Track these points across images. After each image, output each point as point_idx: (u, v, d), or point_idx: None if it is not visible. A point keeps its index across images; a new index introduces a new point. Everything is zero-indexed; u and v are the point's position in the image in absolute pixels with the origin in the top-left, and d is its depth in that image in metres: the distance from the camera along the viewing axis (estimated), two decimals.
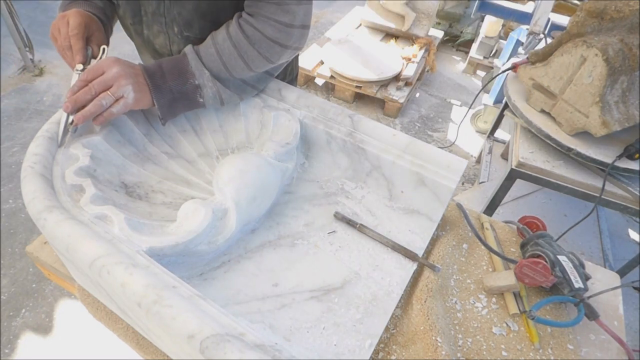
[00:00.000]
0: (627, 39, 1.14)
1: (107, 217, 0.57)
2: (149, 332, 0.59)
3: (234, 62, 0.71)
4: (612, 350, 0.66)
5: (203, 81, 0.71)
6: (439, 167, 0.72)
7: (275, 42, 0.71)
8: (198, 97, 0.72)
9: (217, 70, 0.71)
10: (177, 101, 0.71)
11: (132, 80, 0.65)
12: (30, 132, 2.24)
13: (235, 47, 0.70)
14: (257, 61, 0.72)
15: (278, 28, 0.69)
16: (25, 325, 1.50)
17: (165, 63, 0.70)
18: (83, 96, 0.63)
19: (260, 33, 0.69)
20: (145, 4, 0.77)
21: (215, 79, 0.71)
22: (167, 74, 0.69)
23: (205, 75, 0.71)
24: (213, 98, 0.73)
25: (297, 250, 0.70)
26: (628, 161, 1.18)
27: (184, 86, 0.70)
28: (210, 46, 0.71)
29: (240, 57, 0.71)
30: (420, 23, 2.92)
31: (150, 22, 0.79)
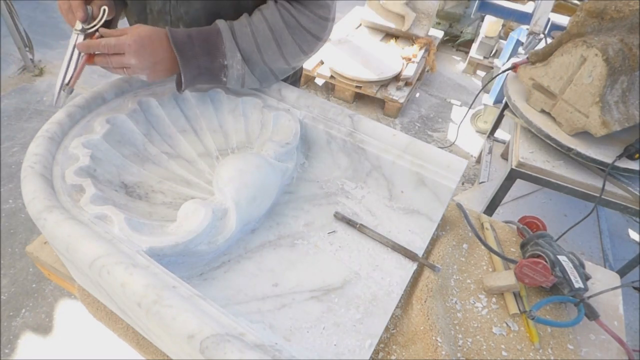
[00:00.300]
0: (627, 39, 1.14)
1: (107, 217, 0.57)
2: (149, 332, 0.59)
3: (267, 45, 0.70)
4: (612, 350, 0.66)
5: (232, 62, 0.70)
6: (439, 167, 0.72)
7: (310, 33, 0.71)
8: (222, 76, 0.72)
9: (249, 51, 0.70)
10: (202, 75, 0.71)
11: (149, 71, 0.67)
12: (30, 132, 2.24)
13: (271, 30, 0.69)
14: (290, 47, 0.72)
15: (314, 19, 0.70)
16: (25, 325, 1.50)
17: (197, 36, 0.68)
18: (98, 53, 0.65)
19: (297, 21, 0.69)
20: (151, 2, 0.77)
21: (244, 62, 0.71)
22: (198, 48, 0.68)
23: (237, 57, 0.70)
24: (236, 80, 0.73)
25: (297, 250, 0.70)
26: (628, 161, 1.19)
27: (212, 64, 0.69)
28: (245, 25, 0.69)
29: (274, 40, 0.70)
30: (420, 23, 2.92)
31: (156, 20, 0.79)
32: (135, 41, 0.64)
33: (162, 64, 0.67)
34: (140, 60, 0.64)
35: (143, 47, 0.64)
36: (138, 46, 0.64)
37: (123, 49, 0.63)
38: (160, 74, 0.69)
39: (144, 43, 0.64)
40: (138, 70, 0.65)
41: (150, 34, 0.65)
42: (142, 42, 0.64)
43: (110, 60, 0.65)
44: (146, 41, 0.64)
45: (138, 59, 0.64)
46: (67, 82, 0.64)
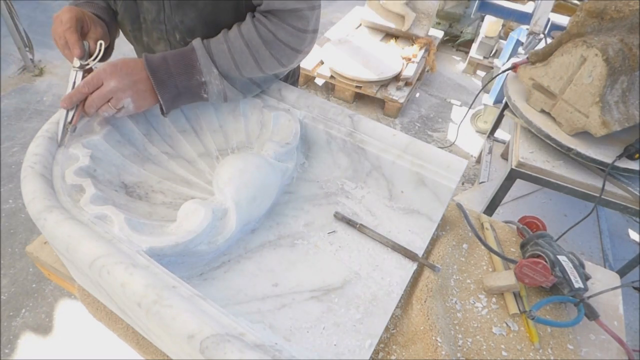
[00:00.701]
0: (627, 39, 1.14)
1: (107, 217, 0.57)
2: (149, 332, 0.59)
3: (245, 61, 0.70)
4: (612, 350, 0.66)
5: (210, 79, 0.70)
6: (439, 167, 0.72)
7: (288, 46, 0.70)
8: (202, 92, 0.71)
9: (227, 68, 0.70)
10: (181, 95, 0.70)
11: (131, 92, 0.66)
12: (30, 132, 2.24)
13: (248, 46, 0.69)
14: (269, 62, 0.71)
15: (291, 32, 0.69)
16: (25, 325, 1.50)
17: (171, 57, 0.68)
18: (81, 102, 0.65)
19: (274, 35, 0.69)
20: (145, 11, 0.76)
21: (222, 77, 0.71)
22: (173, 69, 0.68)
23: (214, 73, 0.69)
24: (217, 95, 0.72)
25: (297, 250, 0.70)
26: (628, 161, 1.19)
27: (189, 82, 0.69)
28: (221, 42, 0.69)
29: (251, 56, 0.70)
30: (420, 23, 2.92)
31: (150, 30, 0.78)
32: (109, 65, 0.65)
33: (142, 84, 0.66)
34: (118, 81, 0.64)
35: (118, 69, 0.65)
36: (112, 69, 0.64)
37: (99, 77, 0.64)
38: (145, 95, 0.67)
39: (118, 65, 0.65)
40: (120, 93, 0.64)
41: (124, 59, 0.66)
42: (116, 65, 0.65)
43: (93, 98, 0.64)
44: (119, 63, 0.65)
45: (116, 80, 0.64)
46: (69, 121, 0.65)
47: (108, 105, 0.65)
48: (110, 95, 0.64)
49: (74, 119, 0.65)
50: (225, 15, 0.74)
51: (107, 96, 0.64)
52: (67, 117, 0.65)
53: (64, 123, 0.65)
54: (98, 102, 0.64)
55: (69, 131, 0.66)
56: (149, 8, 0.75)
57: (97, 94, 0.64)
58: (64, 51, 0.69)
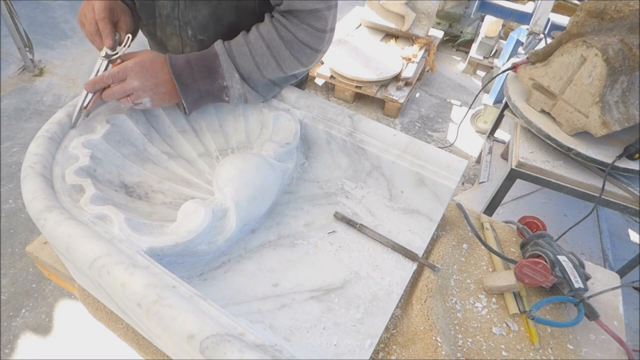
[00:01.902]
0: (627, 39, 1.14)
1: (107, 217, 0.57)
2: (149, 332, 0.59)
3: (266, 62, 0.71)
4: (612, 350, 0.66)
5: (232, 83, 0.72)
6: (439, 167, 0.72)
7: (308, 46, 0.71)
8: (224, 96, 0.73)
9: (249, 70, 0.72)
10: (203, 98, 0.73)
11: (151, 93, 0.68)
12: (30, 132, 2.24)
13: (269, 47, 0.70)
14: (289, 62, 0.72)
15: (311, 32, 0.69)
16: (25, 325, 1.50)
17: (195, 61, 0.70)
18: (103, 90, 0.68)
19: (294, 35, 0.69)
20: (160, 5, 0.77)
21: (243, 81, 0.72)
22: (197, 73, 0.69)
23: (235, 77, 0.71)
24: (238, 98, 0.74)
25: (297, 250, 0.70)
26: (628, 161, 1.18)
27: (211, 86, 0.71)
28: (242, 45, 0.70)
29: (272, 57, 0.70)
30: (420, 23, 2.92)
31: (164, 24, 0.80)
32: (137, 64, 0.67)
33: (164, 86, 0.69)
34: (142, 82, 0.67)
35: (144, 69, 0.67)
36: (139, 68, 0.66)
37: (125, 73, 0.66)
38: (163, 97, 0.70)
39: (145, 65, 0.67)
40: (141, 92, 0.67)
41: (151, 57, 0.68)
42: (143, 64, 0.67)
43: (114, 91, 0.67)
44: (147, 64, 0.67)
45: (140, 80, 0.66)
46: (85, 105, 0.68)
47: (127, 99, 0.68)
48: (131, 91, 0.67)
49: (89, 104, 0.68)
50: (237, 13, 0.75)
51: (128, 92, 0.67)
52: (84, 101, 0.68)
53: (81, 106, 0.68)
54: (118, 95, 0.67)
55: (83, 115, 0.69)
56: (164, 3, 0.77)
57: (119, 87, 0.66)
58: (93, 38, 0.71)
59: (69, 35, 3.05)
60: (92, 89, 0.67)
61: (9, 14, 2.36)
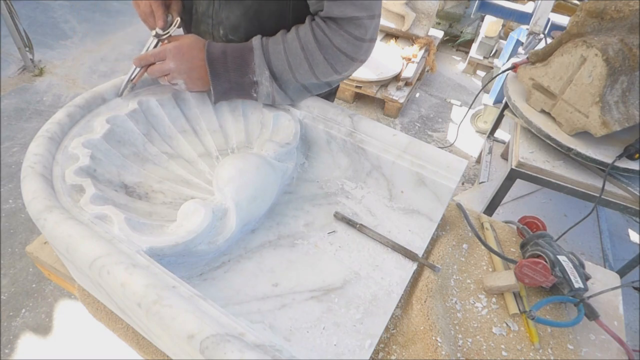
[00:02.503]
0: (627, 39, 1.14)
1: (107, 217, 0.57)
2: (149, 332, 0.59)
3: (298, 64, 0.70)
4: (612, 350, 0.66)
5: (261, 79, 0.72)
6: (439, 167, 0.72)
7: (343, 53, 0.69)
8: (253, 92, 0.74)
9: (280, 69, 0.72)
10: (232, 90, 0.74)
11: (185, 76, 0.72)
12: (30, 132, 2.24)
13: (303, 49, 0.69)
14: (322, 67, 0.70)
15: (348, 39, 0.68)
16: (25, 325, 1.50)
17: (231, 52, 0.71)
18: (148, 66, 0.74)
19: (329, 40, 0.68)
20: (197, 3, 0.79)
21: (272, 80, 0.73)
22: (230, 63, 0.71)
23: (265, 74, 0.72)
24: (266, 96, 0.75)
25: (297, 250, 0.70)
26: (628, 161, 1.19)
27: (242, 79, 0.72)
28: (279, 43, 0.71)
29: (306, 59, 0.69)
30: (420, 23, 2.92)
31: (199, 22, 0.82)
32: (175, 46, 0.71)
33: (198, 72, 0.72)
34: (177, 65, 0.70)
35: (181, 53, 0.70)
36: (177, 51, 0.70)
37: (165, 54, 0.71)
38: (196, 81, 0.73)
39: (183, 49, 0.71)
40: (176, 74, 0.71)
41: (191, 42, 0.72)
42: (182, 48, 0.71)
43: (155, 69, 0.72)
44: (185, 48, 0.71)
45: (176, 63, 0.70)
46: (132, 77, 0.75)
47: (164, 78, 0.73)
48: (168, 72, 0.71)
49: (136, 78, 0.75)
50: (269, 17, 0.75)
51: (165, 72, 0.71)
52: (132, 74, 0.74)
53: (129, 77, 0.75)
54: (158, 73, 0.72)
55: (129, 86, 0.75)
56: (201, 2, 0.79)
57: (158, 66, 0.71)
58: (147, 18, 0.75)
59: (69, 35, 3.05)
60: (139, 64, 0.73)
61: (9, 14, 2.36)
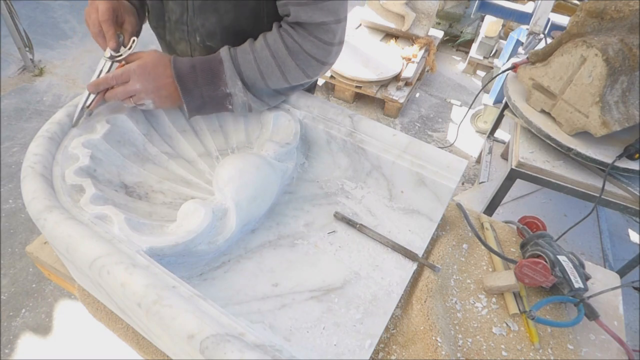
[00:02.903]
0: (627, 39, 1.14)
1: (107, 217, 0.57)
2: (149, 332, 0.59)
3: (270, 72, 0.70)
4: (612, 350, 0.66)
5: (234, 91, 0.71)
6: (439, 167, 0.72)
7: (314, 58, 0.70)
8: (227, 104, 0.72)
9: (253, 79, 0.71)
10: (206, 105, 0.72)
11: (153, 95, 0.69)
12: (30, 132, 2.24)
13: (274, 57, 0.69)
14: (294, 73, 0.71)
15: (318, 45, 0.69)
16: (25, 325, 1.50)
17: (200, 65, 0.69)
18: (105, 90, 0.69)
19: (300, 46, 0.69)
20: (169, 11, 0.77)
21: (247, 90, 0.71)
22: (200, 78, 0.69)
23: (238, 85, 0.70)
24: (242, 106, 0.73)
25: (297, 250, 0.70)
26: (628, 161, 1.18)
27: (214, 92, 0.70)
28: (248, 52, 0.70)
29: (277, 67, 0.70)
30: (420, 23, 2.92)
31: (173, 29, 0.80)
32: (140, 66, 0.67)
33: (166, 89, 0.69)
34: (144, 85, 0.67)
35: (146, 72, 0.67)
36: (141, 70, 0.67)
37: (128, 75, 0.67)
38: (165, 99, 0.70)
39: (148, 68, 0.67)
40: (143, 94, 0.68)
41: (154, 59, 0.68)
42: (146, 67, 0.67)
43: (117, 92, 0.67)
44: (150, 67, 0.67)
45: (142, 83, 0.67)
46: (88, 105, 0.69)
47: (130, 100, 0.68)
48: (134, 93, 0.68)
49: (92, 104, 0.69)
50: (245, 22, 0.74)
51: (131, 94, 0.68)
52: (86, 101, 0.68)
53: (83, 105, 0.69)
54: (121, 96, 0.68)
55: (85, 114, 0.69)
56: (173, 8, 0.77)
57: (122, 89, 0.67)
58: (97, 39, 0.71)
59: (69, 35, 3.05)
60: (95, 90, 0.68)
61: (9, 14, 2.36)
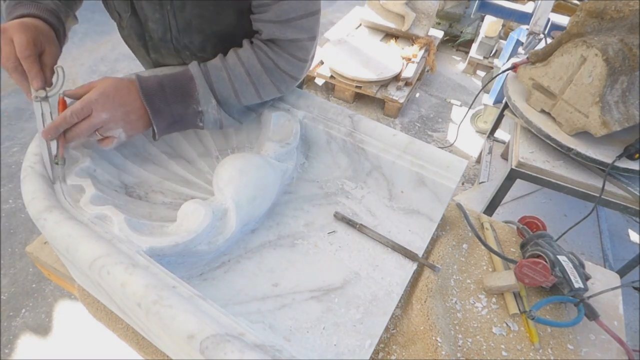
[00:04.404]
0: (627, 39, 1.14)
1: (107, 217, 0.57)
2: (149, 332, 0.59)
3: (245, 89, 0.69)
4: (612, 350, 0.66)
5: (207, 108, 0.67)
6: (439, 167, 0.72)
7: (287, 74, 0.70)
8: (198, 121, 0.68)
9: (226, 96, 0.68)
10: (176, 123, 0.67)
11: (123, 122, 0.62)
12: (30, 132, 2.24)
13: (248, 74, 0.68)
14: (268, 89, 0.71)
15: (291, 62, 0.69)
16: (25, 325, 1.50)
17: (168, 83, 0.64)
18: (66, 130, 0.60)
19: (274, 63, 0.68)
20: (150, 30, 0.74)
21: (220, 107, 0.68)
22: (170, 97, 0.64)
23: (212, 103, 0.67)
24: (213, 123, 0.70)
25: (297, 250, 0.70)
26: (628, 161, 1.18)
27: (185, 110, 0.66)
28: (220, 69, 0.67)
29: (252, 83, 0.69)
30: (420, 23, 2.92)
31: (157, 47, 0.77)
32: (101, 94, 0.59)
33: (135, 113, 0.62)
34: (111, 113, 0.60)
35: (110, 99, 0.60)
36: (104, 99, 0.59)
37: (90, 107, 0.58)
38: (136, 124, 0.64)
39: (111, 94, 0.60)
40: (112, 124, 0.60)
41: (114, 84, 0.61)
42: (108, 94, 0.60)
43: (81, 129, 0.59)
44: (111, 92, 0.60)
45: (108, 111, 0.59)
46: (55, 154, 0.59)
47: (96, 134, 0.61)
48: (100, 125, 0.60)
49: (59, 152, 0.60)
50: (232, 37, 0.73)
51: (97, 127, 0.60)
52: (50, 150, 0.59)
53: (50, 157, 0.59)
54: (86, 132, 0.59)
55: (59, 165, 0.60)
56: (154, 28, 0.74)
57: (85, 124, 0.59)
58: (16, 76, 0.61)
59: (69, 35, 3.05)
60: (55, 134, 0.58)
61: None
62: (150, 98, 0.63)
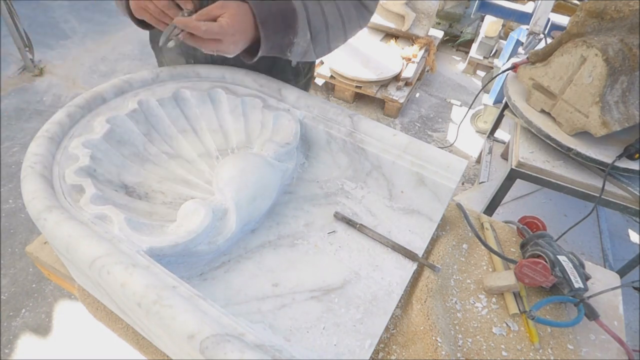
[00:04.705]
0: (627, 39, 1.14)
1: (107, 217, 0.57)
2: (149, 332, 0.59)
3: (334, 23, 0.72)
4: (612, 350, 0.66)
5: (300, 41, 0.70)
6: (439, 167, 0.72)
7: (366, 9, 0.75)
8: (288, 52, 0.72)
9: (318, 30, 0.71)
10: (273, 49, 0.71)
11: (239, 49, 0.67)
12: (30, 132, 2.24)
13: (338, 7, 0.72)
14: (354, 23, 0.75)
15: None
16: (25, 325, 1.50)
17: (276, 12, 0.67)
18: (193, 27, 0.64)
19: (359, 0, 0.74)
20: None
21: (311, 40, 0.71)
22: (276, 26, 0.68)
23: (307, 37, 0.70)
24: (299, 55, 0.73)
25: (297, 250, 0.70)
26: (628, 161, 1.19)
27: (283, 40, 0.70)
28: (316, 4, 0.70)
29: (340, 17, 0.72)
30: (420, 23, 2.92)
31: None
32: (237, 31, 0.64)
33: (246, 42, 0.68)
34: (237, 46, 0.66)
35: (239, 33, 0.65)
36: (239, 35, 0.65)
37: (222, 35, 0.63)
38: (240, 47, 0.68)
39: (241, 30, 0.65)
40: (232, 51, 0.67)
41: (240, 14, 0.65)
42: (240, 30, 0.65)
43: (205, 44, 0.65)
44: (242, 27, 0.65)
45: (235, 45, 0.66)
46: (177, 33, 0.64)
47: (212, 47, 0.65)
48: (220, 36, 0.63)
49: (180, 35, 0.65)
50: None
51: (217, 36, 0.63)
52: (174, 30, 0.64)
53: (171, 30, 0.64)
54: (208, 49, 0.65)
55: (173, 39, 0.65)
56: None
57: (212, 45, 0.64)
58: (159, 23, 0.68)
59: (69, 35, 3.05)
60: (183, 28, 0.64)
61: (9, 14, 2.36)
62: (265, 25, 0.67)
